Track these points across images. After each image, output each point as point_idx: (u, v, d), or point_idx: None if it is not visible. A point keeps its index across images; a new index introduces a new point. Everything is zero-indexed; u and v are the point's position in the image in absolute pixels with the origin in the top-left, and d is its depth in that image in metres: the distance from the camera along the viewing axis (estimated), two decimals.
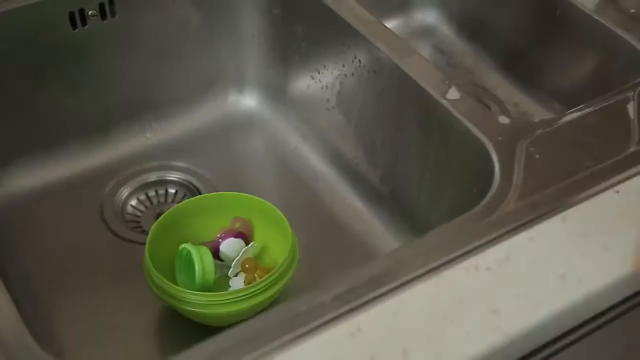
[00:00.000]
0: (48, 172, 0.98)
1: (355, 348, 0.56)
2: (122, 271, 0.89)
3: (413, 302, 0.60)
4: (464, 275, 0.61)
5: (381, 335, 0.57)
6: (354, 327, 0.58)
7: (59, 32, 0.91)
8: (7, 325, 0.59)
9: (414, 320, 0.58)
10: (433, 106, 0.79)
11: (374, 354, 0.56)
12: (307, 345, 0.57)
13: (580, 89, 0.99)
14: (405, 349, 0.56)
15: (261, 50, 1.03)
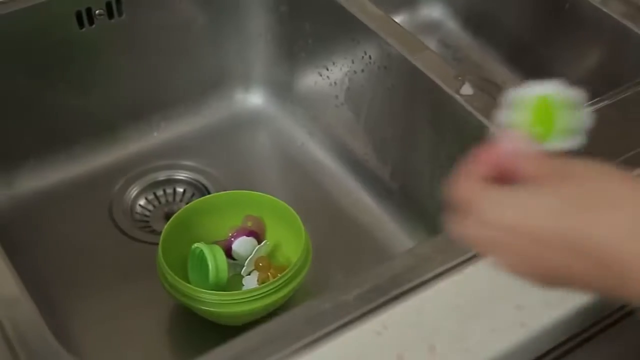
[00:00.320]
0: (57, 173, 0.97)
1: (382, 347, 0.56)
2: (133, 271, 0.89)
3: (437, 300, 0.59)
4: (486, 272, 0.61)
5: (407, 334, 0.57)
6: (380, 325, 0.58)
7: (66, 31, 0.90)
8: (29, 325, 0.59)
9: (439, 318, 0.58)
10: (446, 102, 0.79)
11: (402, 352, 0.56)
12: (333, 345, 0.56)
13: (589, 82, 0.98)
14: (432, 346, 0.56)
15: (267, 47, 1.02)
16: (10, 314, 0.58)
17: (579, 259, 0.45)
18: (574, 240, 0.44)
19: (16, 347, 0.56)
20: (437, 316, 0.58)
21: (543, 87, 0.51)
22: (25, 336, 0.58)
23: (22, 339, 0.57)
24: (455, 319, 0.58)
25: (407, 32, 0.86)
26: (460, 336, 0.57)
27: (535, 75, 1.01)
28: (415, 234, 0.90)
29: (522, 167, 0.48)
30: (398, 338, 0.57)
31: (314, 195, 0.96)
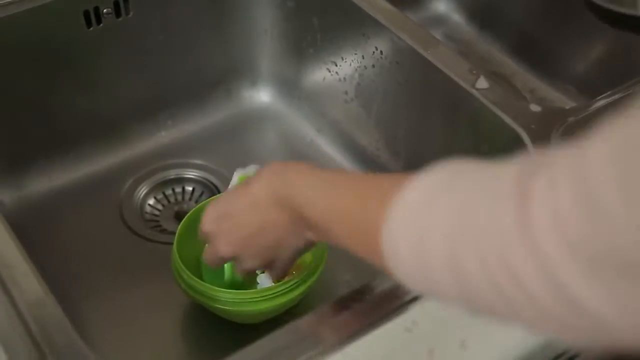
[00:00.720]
0: (65, 174, 0.97)
1: (413, 343, 0.56)
2: (146, 270, 0.89)
3: None
4: None
5: (437, 329, 0.57)
6: (409, 321, 0.57)
7: (74, 31, 0.90)
8: (56, 326, 0.58)
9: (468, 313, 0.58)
10: (462, 96, 0.79)
11: (432, 348, 0.56)
12: (364, 342, 0.56)
13: (596, 73, 0.99)
14: (462, 341, 0.56)
15: (275, 44, 1.02)
16: (36, 314, 0.58)
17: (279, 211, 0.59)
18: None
19: (42, 345, 0.56)
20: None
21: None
22: (52, 336, 0.57)
23: (48, 339, 0.57)
24: None
25: (419, 26, 0.86)
26: (490, 331, 0.57)
27: (542, 67, 1.02)
28: None
29: None
30: (428, 334, 0.57)
31: None
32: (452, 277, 0.42)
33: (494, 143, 0.78)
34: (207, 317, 0.82)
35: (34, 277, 0.60)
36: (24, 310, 0.58)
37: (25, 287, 0.59)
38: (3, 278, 0.60)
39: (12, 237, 0.63)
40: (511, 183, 0.40)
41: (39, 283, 0.60)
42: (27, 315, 0.57)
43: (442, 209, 0.44)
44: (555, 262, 0.37)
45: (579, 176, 0.36)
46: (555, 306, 0.38)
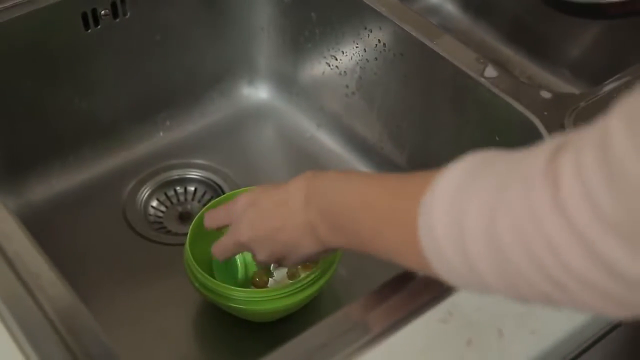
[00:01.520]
0: (66, 179, 0.96)
1: (450, 333, 0.56)
2: (155, 272, 0.88)
3: None
4: None
5: (473, 319, 0.57)
6: (444, 312, 0.57)
7: (72, 34, 0.89)
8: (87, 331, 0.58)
9: (501, 301, 0.58)
10: (471, 85, 0.79)
11: (470, 337, 0.56)
12: (401, 335, 0.56)
13: (590, 57, 0.99)
14: (499, 329, 0.56)
15: (272, 40, 1.01)
16: (66, 320, 0.58)
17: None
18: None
19: (74, 350, 0.55)
20: (499, 299, 0.58)
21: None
22: (83, 341, 0.57)
23: (80, 344, 0.56)
24: None
25: (422, 17, 0.86)
26: (525, 318, 0.57)
27: (537, 53, 1.03)
28: None
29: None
30: (464, 324, 0.57)
31: None
32: (492, 259, 0.43)
33: (506, 131, 0.78)
34: (220, 316, 0.82)
35: (60, 284, 0.59)
36: (54, 316, 0.57)
37: (53, 294, 0.58)
38: (30, 286, 0.59)
39: (34, 244, 0.62)
40: (541, 162, 0.41)
41: (66, 289, 0.60)
42: (58, 323, 0.56)
43: (477, 193, 0.44)
44: (591, 234, 0.38)
45: (603, 150, 0.38)
46: (596, 276, 0.39)
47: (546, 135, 0.73)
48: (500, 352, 0.55)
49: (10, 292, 0.58)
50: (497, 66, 0.79)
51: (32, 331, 0.56)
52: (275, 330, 0.83)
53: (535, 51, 1.04)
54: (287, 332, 0.82)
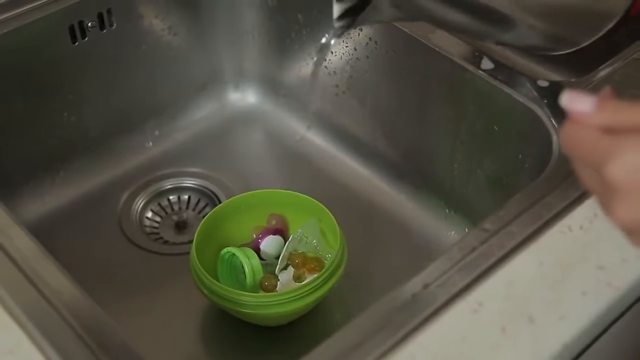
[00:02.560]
0: (58, 194, 0.95)
1: (483, 322, 0.57)
2: (156, 282, 0.88)
3: (522, 271, 0.60)
4: (560, 238, 0.62)
5: (503, 307, 0.58)
6: (475, 303, 0.58)
7: (59, 47, 0.88)
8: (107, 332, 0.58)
9: (528, 288, 0.59)
10: (467, 79, 0.80)
11: (504, 325, 0.56)
12: (434, 328, 0.57)
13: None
14: (530, 316, 0.57)
15: (258, 44, 1.02)
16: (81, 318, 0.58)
17: None
18: None
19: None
20: (526, 286, 0.59)
21: None
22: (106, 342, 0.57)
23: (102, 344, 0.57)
24: (544, 287, 0.59)
25: None
26: (555, 303, 0.58)
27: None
28: (436, 210, 0.91)
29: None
30: (496, 313, 0.57)
31: (325, 186, 0.96)
32: None
33: (506, 121, 0.79)
34: (227, 321, 0.82)
35: (85, 299, 0.59)
36: (83, 332, 0.57)
37: (79, 310, 0.58)
38: (54, 302, 0.58)
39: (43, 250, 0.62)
40: None
41: (82, 294, 0.60)
42: (88, 340, 0.56)
43: None
44: None
45: None
46: None
47: (548, 123, 0.74)
48: (534, 338, 0.56)
49: (37, 311, 0.57)
50: (492, 58, 0.80)
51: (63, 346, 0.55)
52: (282, 332, 0.83)
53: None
54: (295, 335, 0.83)
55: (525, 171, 0.78)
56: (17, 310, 0.57)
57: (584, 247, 0.62)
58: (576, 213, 0.64)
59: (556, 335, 0.56)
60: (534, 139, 0.75)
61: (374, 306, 0.59)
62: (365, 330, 0.57)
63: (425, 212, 0.92)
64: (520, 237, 0.62)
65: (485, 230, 0.64)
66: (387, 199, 0.94)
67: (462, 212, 0.89)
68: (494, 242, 0.62)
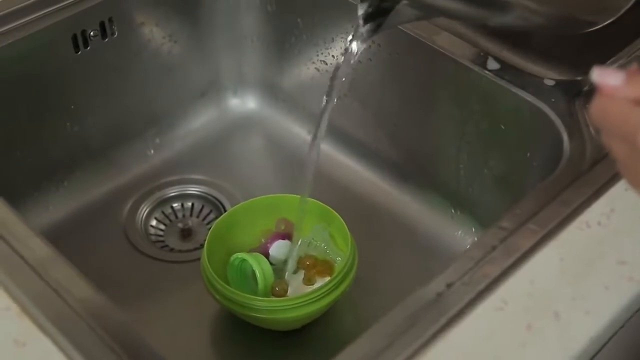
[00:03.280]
0: (63, 205, 0.94)
1: (509, 320, 0.57)
2: (165, 290, 0.88)
3: (543, 268, 0.61)
4: (579, 234, 0.63)
5: (527, 304, 0.58)
6: (499, 301, 0.58)
7: (62, 57, 0.88)
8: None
9: (552, 284, 0.60)
10: (473, 79, 0.81)
11: (530, 322, 0.57)
12: (461, 328, 0.57)
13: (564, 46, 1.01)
14: (555, 312, 0.58)
15: (257, 49, 1.02)
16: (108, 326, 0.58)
17: None
18: None
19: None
20: (549, 283, 0.60)
21: None
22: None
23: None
24: (567, 283, 0.60)
25: None
26: (578, 299, 0.59)
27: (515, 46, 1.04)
28: (441, 211, 0.91)
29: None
30: (521, 310, 0.58)
31: (329, 189, 0.96)
32: None
33: (512, 121, 0.79)
34: (237, 327, 0.82)
35: (111, 307, 0.59)
36: (112, 342, 0.56)
37: (106, 318, 0.58)
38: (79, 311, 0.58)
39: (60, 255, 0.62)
40: None
41: (106, 301, 0.60)
42: (118, 348, 0.56)
43: None
44: None
45: None
46: None
47: (557, 121, 0.74)
48: (561, 334, 0.56)
49: (65, 320, 0.57)
50: (497, 59, 0.81)
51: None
52: (293, 336, 0.83)
53: (511, 43, 1.05)
54: (308, 339, 0.83)
55: (534, 169, 0.79)
56: (43, 320, 0.57)
57: (603, 242, 0.62)
58: (593, 209, 0.65)
59: (582, 330, 0.57)
60: (543, 137, 0.76)
61: (399, 306, 0.59)
62: (393, 330, 0.57)
63: (431, 213, 0.92)
64: (540, 234, 0.63)
65: (503, 228, 0.64)
66: (391, 201, 0.95)
67: (468, 212, 0.89)
68: (514, 240, 0.63)
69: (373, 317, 0.84)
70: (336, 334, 0.85)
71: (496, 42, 1.04)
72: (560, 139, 0.73)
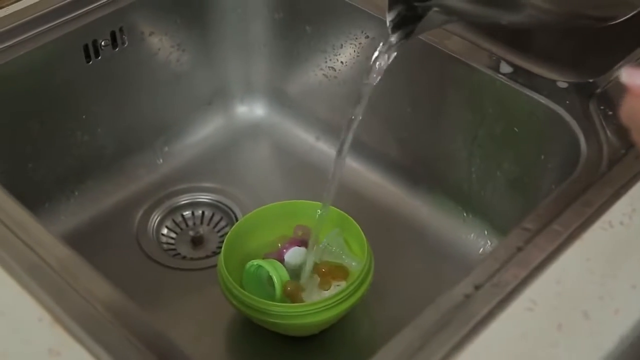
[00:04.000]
0: (74, 215, 0.94)
1: (540, 320, 0.58)
2: (179, 298, 0.88)
3: (570, 268, 0.61)
4: (603, 234, 0.64)
5: (556, 304, 0.59)
6: (528, 301, 0.59)
7: (74, 67, 0.88)
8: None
9: (580, 284, 0.60)
10: (487, 83, 0.81)
11: (560, 322, 0.57)
12: (493, 329, 0.57)
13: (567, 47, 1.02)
14: (584, 312, 0.58)
15: (264, 57, 1.02)
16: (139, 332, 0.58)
17: None
18: None
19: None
20: (577, 283, 0.60)
21: None
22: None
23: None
24: (594, 282, 0.60)
25: None
26: (607, 298, 0.59)
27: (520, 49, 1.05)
28: (453, 214, 0.92)
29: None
30: (550, 310, 0.58)
31: (341, 194, 0.96)
32: None
33: (528, 124, 0.80)
34: (253, 333, 0.83)
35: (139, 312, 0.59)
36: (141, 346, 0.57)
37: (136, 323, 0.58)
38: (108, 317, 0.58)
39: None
40: None
41: (134, 307, 0.60)
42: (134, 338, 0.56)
43: None
44: None
45: None
46: None
47: (573, 123, 0.75)
48: (592, 333, 0.57)
49: (98, 328, 0.57)
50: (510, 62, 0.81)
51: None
52: (310, 343, 0.84)
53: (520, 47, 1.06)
54: (323, 344, 0.84)
55: (549, 171, 0.79)
56: (76, 329, 0.57)
57: (627, 241, 0.63)
58: (614, 209, 0.65)
59: (613, 329, 0.57)
60: (559, 139, 0.76)
61: (429, 309, 0.60)
62: (425, 332, 0.57)
63: (443, 217, 0.93)
64: (565, 235, 0.63)
65: (526, 229, 0.65)
66: (403, 205, 0.95)
67: (480, 215, 0.90)
68: (539, 241, 0.63)
69: (388, 321, 0.86)
70: (352, 338, 0.85)
71: (505, 46, 1.05)
72: (577, 140, 0.74)
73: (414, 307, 0.78)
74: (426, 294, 0.84)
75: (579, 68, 0.89)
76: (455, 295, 0.60)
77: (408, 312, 0.81)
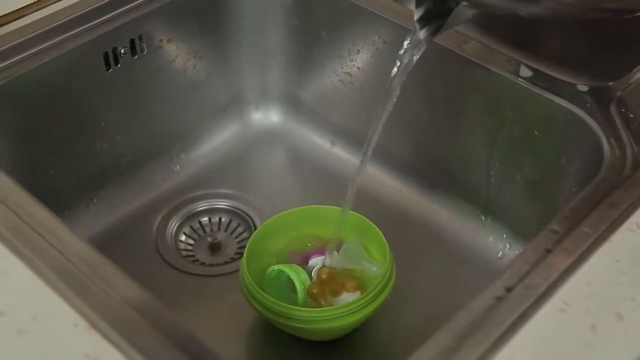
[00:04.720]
0: (94, 222, 0.94)
1: (573, 321, 0.58)
2: (200, 304, 0.88)
3: (600, 269, 0.62)
4: (631, 236, 0.64)
5: (589, 305, 0.59)
6: (561, 303, 0.59)
7: (94, 75, 0.88)
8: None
9: (611, 285, 0.61)
10: (506, 87, 0.82)
11: (593, 323, 0.58)
12: (527, 330, 0.58)
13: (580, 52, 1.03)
14: (617, 313, 0.58)
15: (280, 63, 1.02)
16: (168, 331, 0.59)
17: None
18: None
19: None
20: (608, 284, 0.61)
21: None
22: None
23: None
24: (625, 283, 0.61)
25: None
26: (638, 299, 0.59)
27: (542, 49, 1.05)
28: (471, 218, 0.92)
29: None
30: (583, 311, 0.59)
31: (358, 198, 0.96)
32: None
33: (549, 127, 0.80)
34: (274, 339, 0.83)
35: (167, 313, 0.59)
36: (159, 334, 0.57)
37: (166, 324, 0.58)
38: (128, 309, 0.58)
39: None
40: None
41: (162, 306, 0.61)
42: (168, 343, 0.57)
43: None
44: None
45: None
46: None
47: (595, 126, 0.76)
48: (626, 334, 0.57)
49: (133, 333, 0.57)
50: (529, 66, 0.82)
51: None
52: (332, 347, 0.84)
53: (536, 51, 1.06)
54: (344, 349, 0.84)
55: (570, 175, 0.80)
56: (112, 334, 0.57)
57: None
58: None
59: None
60: (580, 143, 0.77)
61: (461, 312, 0.60)
62: (458, 334, 0.58)
63: (461, 221, 0.93)
64: (593, 236, 0.64)
65: (554, 231, 0.65)
66: (421, 209, 0.95)
67: (499, 219, 0.90)
68: (568, 243, 0.64)
69: (408, 324, 0.86)
70: (374, 343, 0.85)
71: (520, 50, 1.06)
72: (599, 143, 0.74)
73: (434, 310, 0.79)
74: (446, 297, 0.86)
75: (596, 71, 0.89)
76: (487, 297, 0.60)
77: (428, 315, 0.83)
